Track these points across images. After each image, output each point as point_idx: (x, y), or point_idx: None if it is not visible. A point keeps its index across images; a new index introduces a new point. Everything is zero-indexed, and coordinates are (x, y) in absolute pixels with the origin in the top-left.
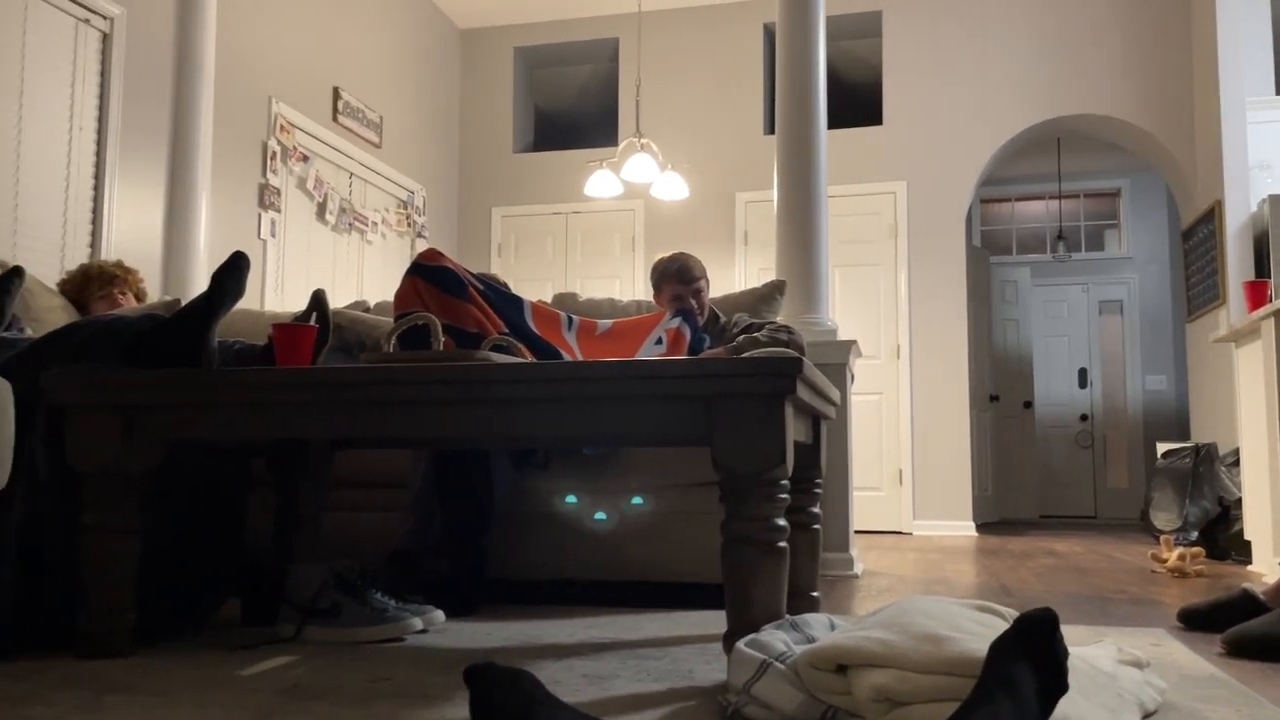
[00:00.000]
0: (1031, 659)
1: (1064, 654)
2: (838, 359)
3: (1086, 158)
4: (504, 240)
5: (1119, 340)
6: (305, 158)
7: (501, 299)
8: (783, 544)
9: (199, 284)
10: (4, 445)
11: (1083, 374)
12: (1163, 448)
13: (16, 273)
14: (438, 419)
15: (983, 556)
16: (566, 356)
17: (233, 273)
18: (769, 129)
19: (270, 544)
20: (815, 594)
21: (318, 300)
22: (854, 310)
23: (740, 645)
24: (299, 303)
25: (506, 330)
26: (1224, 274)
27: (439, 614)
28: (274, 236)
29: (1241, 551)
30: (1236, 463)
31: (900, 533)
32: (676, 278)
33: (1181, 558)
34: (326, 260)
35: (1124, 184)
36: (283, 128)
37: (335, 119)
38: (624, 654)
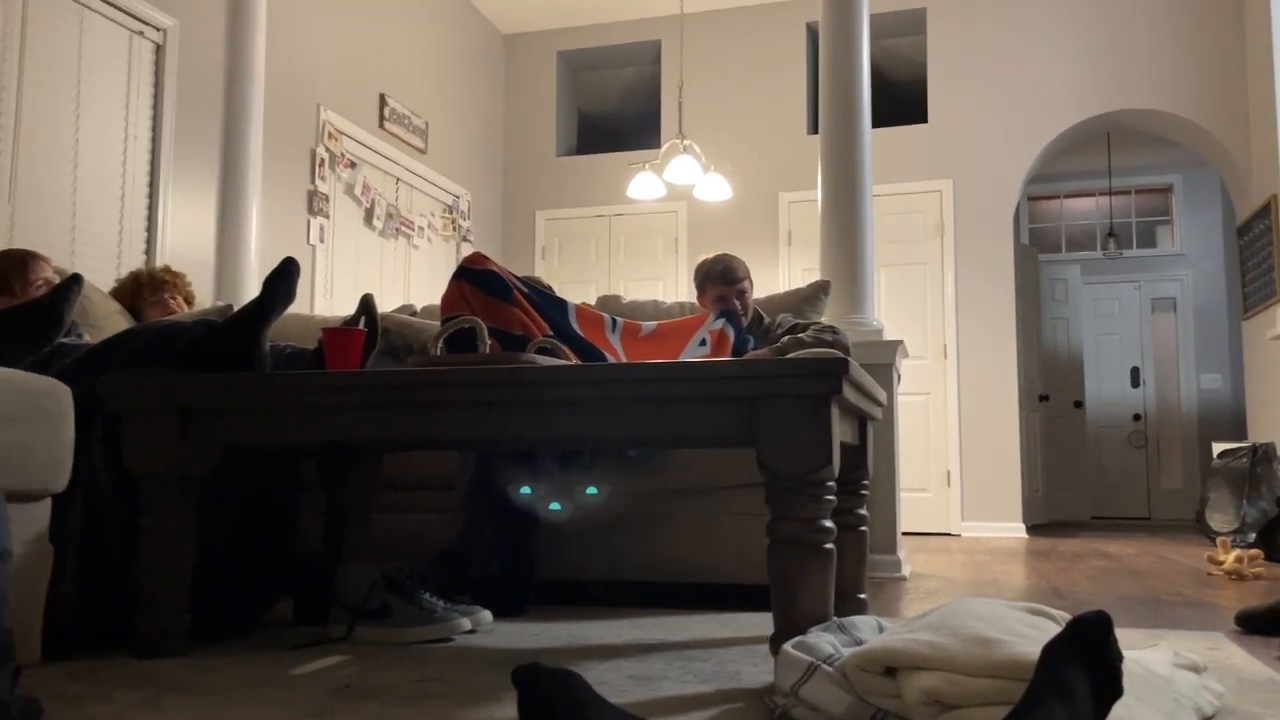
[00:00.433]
0: (1085, 663)
1: (1118, 657)
2: (883, 359)
3: (1138, 153)
4: (548, 243)
5: (1172, 338)
6: (353, 164)
7: (546, 302)
8: (829, 546)
9: (250, 289)
10: (64, 449)
11: (1135, 373)
12: (1219, 447)
13: (75, 280)
14: (484, 421)
15: (1033, 558)
16: (610, 359)
17: (284, 278)
18: (812, 128)
19: (321, 545)
20: (863, 596)
21: (366, 305)
22: (900, 310)
23: (787, 647)
24: (348, 307)
25: (551, 333)
26: None
27: (487, 614)
28: (323, 242)
29: None
30: None
31: (948, 534)
32: (720, 279)
33: (1239, 560)
34: (374, 265)
35: (1176, 179)
36: (331, 135)
37: (382, 125)
38: (670, 655)
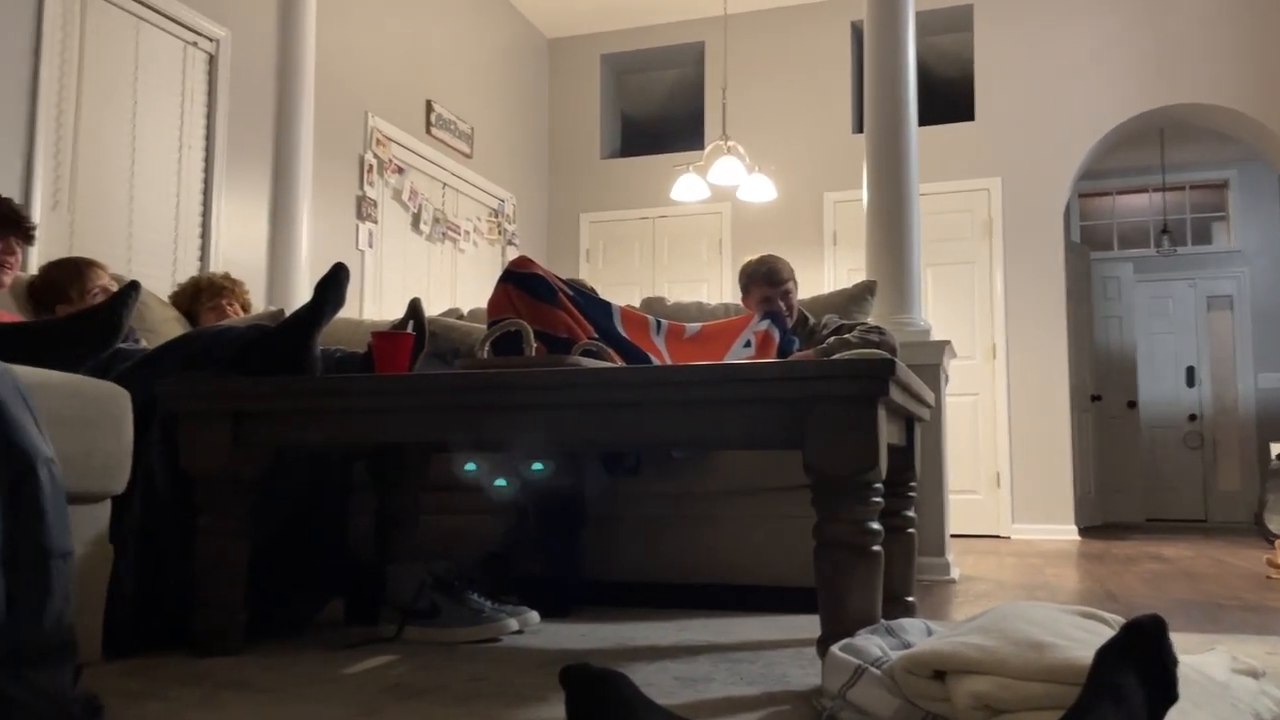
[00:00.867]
0: (1139, 667)
1: (1173, 662)
2: (931, 360)
3: (1192, 148)
4: (592, 246)
5: (1229, 337)
6: (400, 170)
7: (590, 304)
8: (876, 548)
9: (301, 294)
10: (122, 453)
11: (1190, 372)
12: (1278, 448)
13: (134, 287)
14: (530, 423)
15: (1086, 561)
16: (655, 360)
17: (334, 283)
18: (857, 127)
19: (371, 546)
20: (911, 599)
21: (414, 309)
22: (948, 310)
23: (835, 650)
24: (396, 311)
25: (596, 335)
26: None
27: (534, 615)
28: (371, 247)
29: None
30: None
31: (998, 537)
32: (764, 280)
33: None
34: (421, 269)
35: (1232, 175)
36: (379, 141)
37: (428, 131)
38: (717, 657)
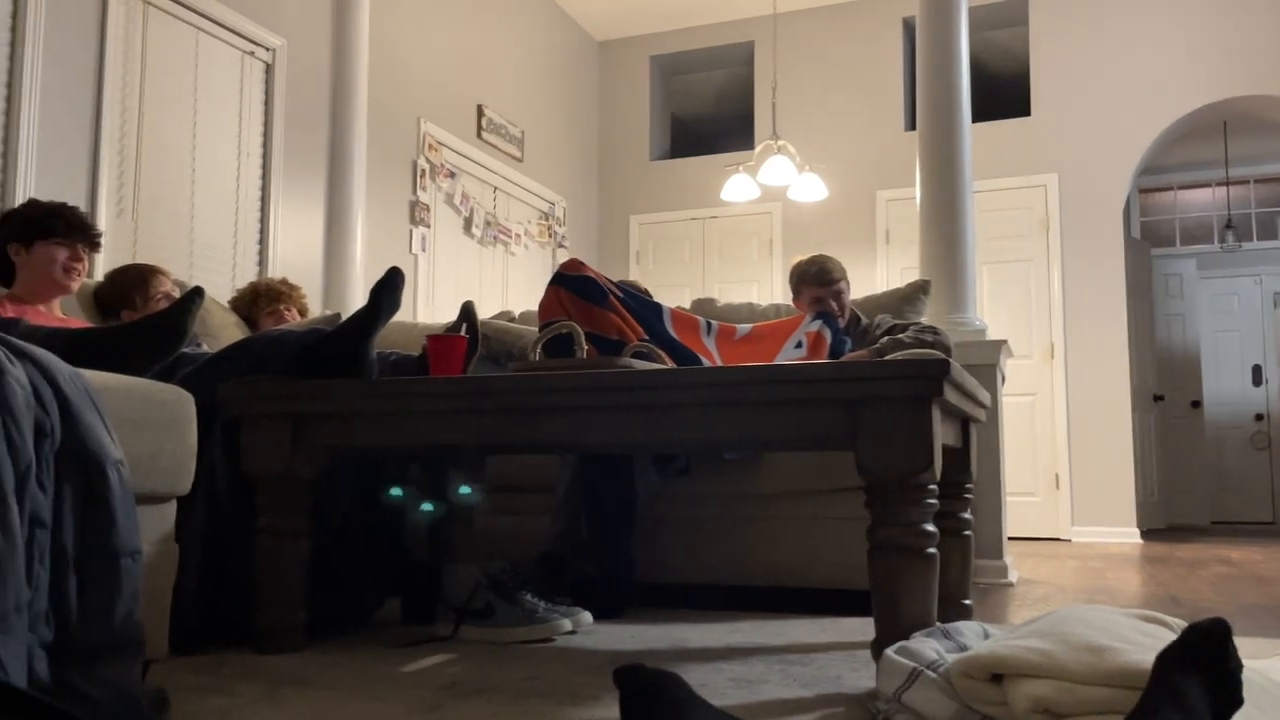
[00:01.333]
0: (1202, 672)
1: (1237, 667)
2: (987, 359)
3: (1256, 141)
4: (642, 247)
5: None
6: (452, 174)
7: (641, 305)
8: (932, 550)
9: (357, 297)
10: (186, 454)
11: (1257, 370)
12: None
13: (197, 293)
14: (582, 425)
15: (1148, 564)
16: (706, 362)
17: (389, 288)
18: (910, 125)
19: (426, 546)
20: (967, 602)
21: (467, 312)
22: (1004, 309)
23: (889, 652)
24: (449, 314)
25: (646, 337)
26: None
27: (587, 616)
28: (424, 251)
29: None
30: None
31: (1058, 539)
32: (815, 280)
33: None
34: (473, 272)
35: None
36: (431, 146)
37: (479, 135)
38: (771, 659)
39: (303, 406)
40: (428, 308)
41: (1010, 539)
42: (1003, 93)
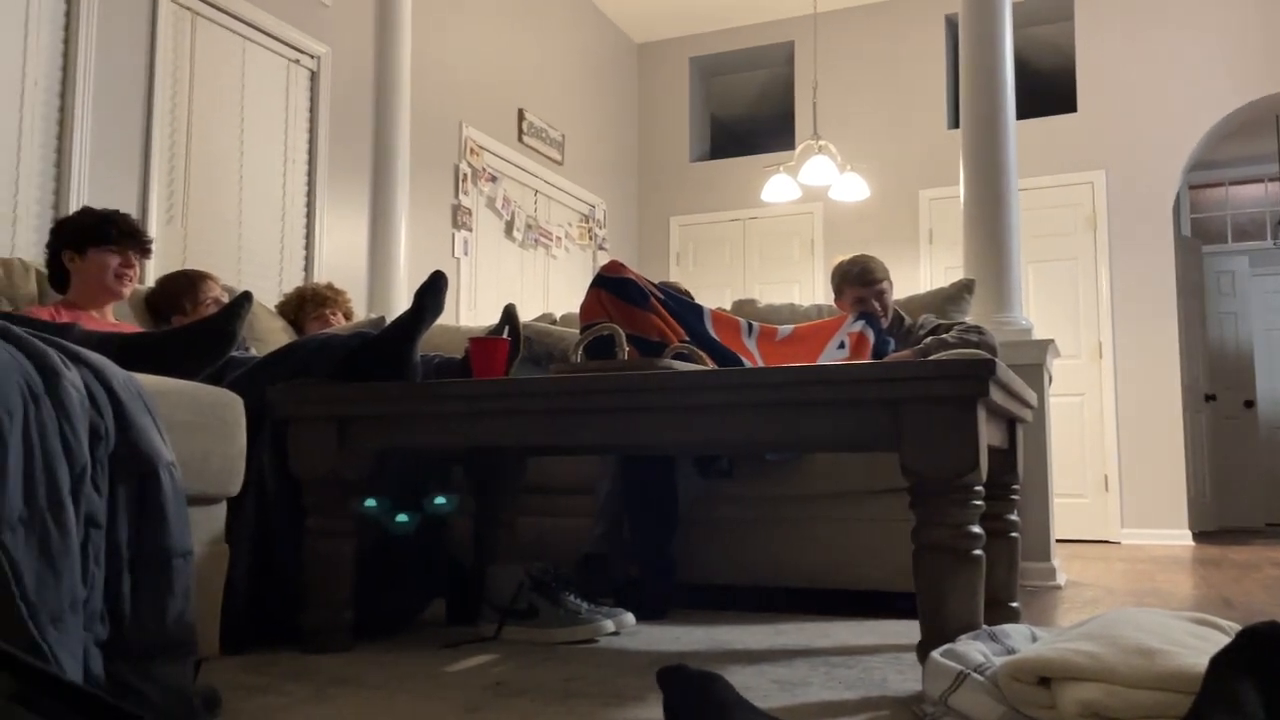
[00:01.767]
0: (1256, 675)
1: None
2: (1033, 359)
3: None
4: (682, 249)
5: None
6: (493, 178)
7: (682, 307)
8: (978, 552)
9: (400, 301)
10: (236, 456)
11: None
12: None
13: (246, 297)
14: (623, 426)
15: (1200, 567)
16: (747, 363)
17: (433, 291)
18: (953, 123)
19: (470, 547)
20: (1014, 604)
21: (509, 315)
22: (1050, 308)
23: (935, 655)
24: (490, 317)
25: (687, 338)
26: None
27: (629, 617)
28: (466, 254)
29: None
30: None
31: (1107, 542)
32: (857, 280)
33: None
34: (515, 275)
35: None
36: (472, 150)
37: (520, 139)
38: (814, 661)
39: (349, 409)
40: (470, 311)
41: (1058, 541)
42: (1048, 89)
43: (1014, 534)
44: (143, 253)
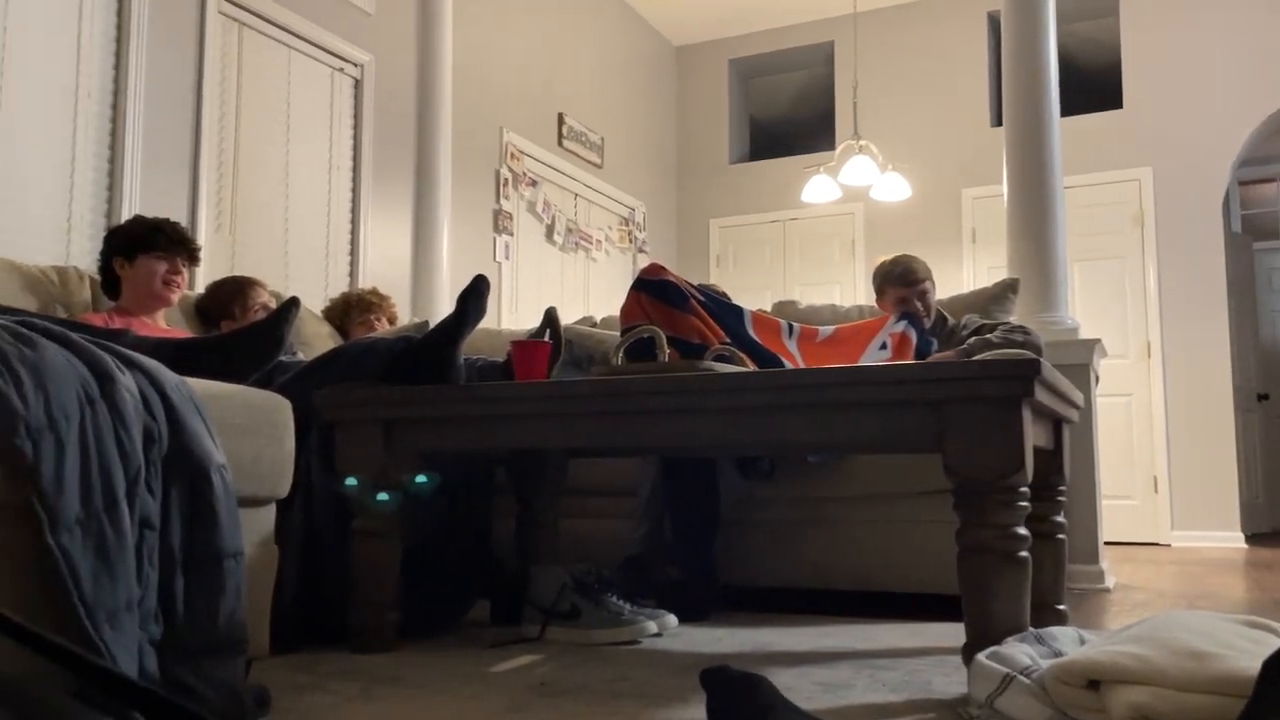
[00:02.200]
0: None
1: None
2: (1079, 359)
3: None
4: (722, 251)
5: None
6: (534, 182)
7: (722, 309)
8: (1024, 554)
9: (443, 305)
10: (285, 459)
11: None
12: None
13: (293, 303)
14: (665, 428)
15: (1253, 569)
16: (788, 364)
17: (475, 295)
18: (996, 121)
19: (513, 548)
20: (1061, 607)
21: (550, 318)
22: (1097, 307)
23: (981, 657)
24: (532, 320)
25: (728, 340)
26: None
27: (672, 618)
28: (508, 259)
29: None
30: None
31: (1157, 544)
32: (899, 280)
33: None
34: (555, 278)
35: None
36: (513, 155)
37: (560, 143)
38: (858, 663)
39: (393, 411)
40: (512, 314)
41: (1107, 543)
42: (1092, 86)
43: (1061, 536)
44: (191, 260)
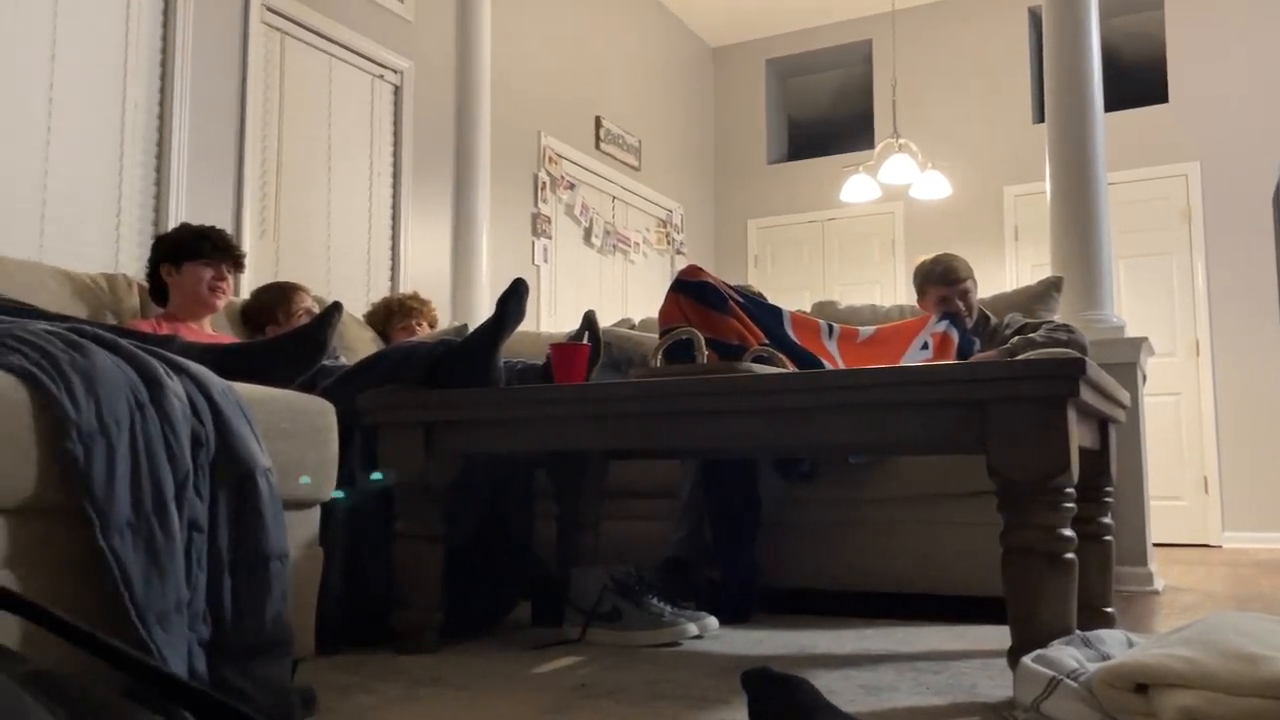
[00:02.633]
0: None
1: None
2: (1126, 358)
3: None
4: (760, 251)
5: None
6: (572, 185)
7: (760, 310)
8: (1069, 555)
9: (482, 308)
10: (329, 462)
11: None
12: None
13: (336, 308)
14: (704, 430)
15: None
16: (828, 365)
17: (514, 298)
18: (1038, 117)
19: (554, 550)
20: (1109, 610)
21: (589, 321)
22: (1143, 305)
23: (1027, 661)
24: (571, 323)
25: (767, 341)
26: None
27: (712, 620)
28: (546, 262)
29: None
30: None
31: (1207, 545)
32: (940, 279)
33: None
34: (593, 281)
35: None
36: (551, 159)
37: (598, 146)
38: (901, 666)
39: (435, 415)
40: (550, 317)
41: (1155, 545)
42: (1137, 80)
43: (1107, 537)
44: (236, 266)
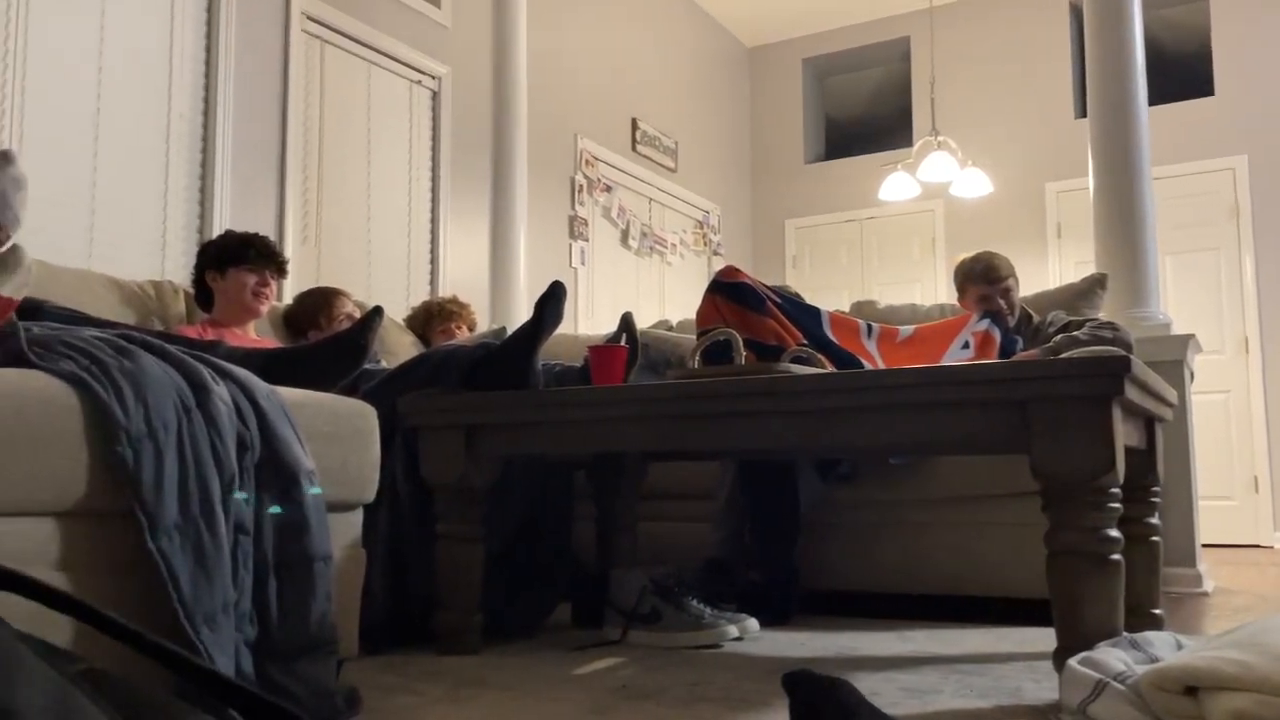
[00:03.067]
0: None
1: None
2: (1172, 355)
3: None
4: (798, 251)
5: None
6: (608, 188)
7: (799, 310)
8: (1116, 556)
9: (521, 311)
10: (371, 464)
11: None
12: None
13: (377, 312)
14: (743, 431)
15: None
16: (867, 365)
17: (553, 300)
18: (1080, 112)
19: (593, 551)
20: (1157, 611)
21: (626, 322)
22: (1190, 301)
23: (1073, 663)
24: (608, 325)
25: (805, 341)
26: None
27: (753, 622)
28: (584, 264)
29: None
30: None
31: (1258, 546)
32: (981, 278)
33: None
34: (631, 283)
35: None
36: (587, 162)
37: (634, 149)
38: (944, 669)
39: (474, 417)
40: (588, 319)
41: (1204, 546)
42: (1182, 72)
43: (1155, 538)
44: (279, 272)
